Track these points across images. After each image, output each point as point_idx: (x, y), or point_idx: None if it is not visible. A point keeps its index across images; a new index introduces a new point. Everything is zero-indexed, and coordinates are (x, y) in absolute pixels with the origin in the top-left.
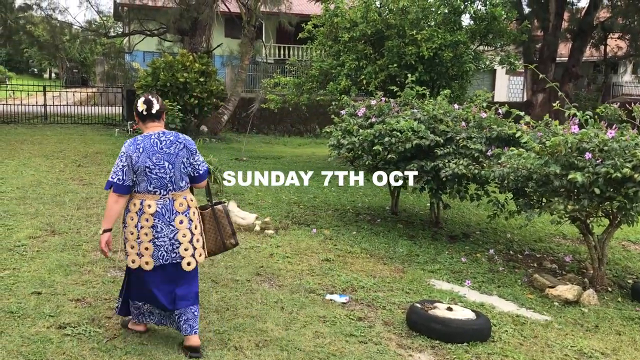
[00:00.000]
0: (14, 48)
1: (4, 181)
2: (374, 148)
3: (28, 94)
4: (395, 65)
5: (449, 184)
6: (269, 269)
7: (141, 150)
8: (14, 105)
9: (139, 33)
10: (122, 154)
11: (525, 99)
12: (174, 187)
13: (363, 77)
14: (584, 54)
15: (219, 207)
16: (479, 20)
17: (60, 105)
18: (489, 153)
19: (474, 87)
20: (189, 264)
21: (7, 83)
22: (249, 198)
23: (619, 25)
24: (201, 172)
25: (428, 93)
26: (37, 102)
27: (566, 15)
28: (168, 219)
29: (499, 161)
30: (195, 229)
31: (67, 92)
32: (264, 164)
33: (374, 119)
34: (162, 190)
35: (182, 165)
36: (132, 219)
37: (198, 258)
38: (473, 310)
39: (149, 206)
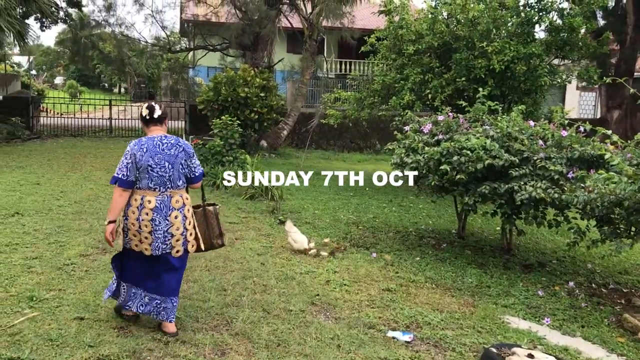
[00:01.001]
0: (84, 64)
1: (63, 195)
2: (440, 167)
3: (95, 107)
4: (463, 79)
5: (524, 209)
6: (324, 297)
7: (145, 150)
8: (81, 118)
9: (202, 48)
10: (127, 152)
11: (598, 115)
12: (172, 185)
13: (428, 91)
14: None
15: (210, 208)
16: (555, 31)
17: (125, 119)
18: (569, 175)
19: (546, 103)
20: (177, 251)
21: (79, 97)
22: (306, 217)
23: None
24: (197, 174)
25: (500, 109)
26: (103, 116)
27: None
28: (165, 214)
29: (583, 185)
30: (189, 224)
31: (132, 106)
32: (322, 180)
33: (441, 136)
34: (161, 188)
35: (180, 167)
36: (134, 213)
37: (190, 249)
38: (557, 357)
39: (149, 201)
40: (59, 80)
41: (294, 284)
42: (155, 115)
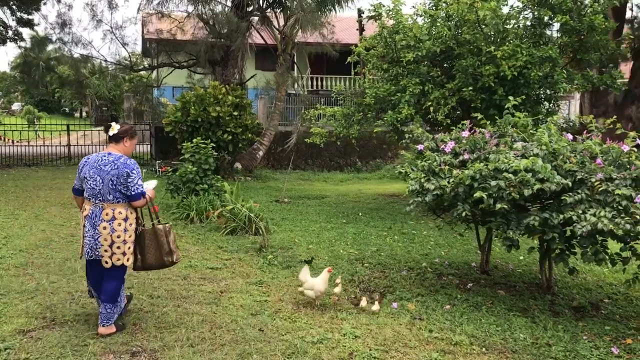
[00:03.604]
0: (36, 86)
1: (7, 241)
2: (474, 195)
3: (51, 133)
4: (470, 88)
5: (583, 243)
6: None
7: (86, 163)
8: (37, 146)
9: (167, 65)
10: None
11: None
12: (103, 198)
13: (429, 103)
14: None
15: (160, 226)
16: (571, 32)
17: (85, 145)
18: (637, 200)
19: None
20: (106, 262)
21: (37, 123)
22: (300, 253)
23: None
24: (133, 193)
25: (531, 121)
26: (60, 142)
27: (626, 32)
28: (94, 223)
29: None
30: (118, 237)
31: (92, 131)
32: (308, 206)
33: (466, 156)
34: (93, 199)
35: (111, 182)
36: (80, 216)
37: (115, 262)
38: None
39: (85, 209)
40: (16, 106)
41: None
42: (110, 133)
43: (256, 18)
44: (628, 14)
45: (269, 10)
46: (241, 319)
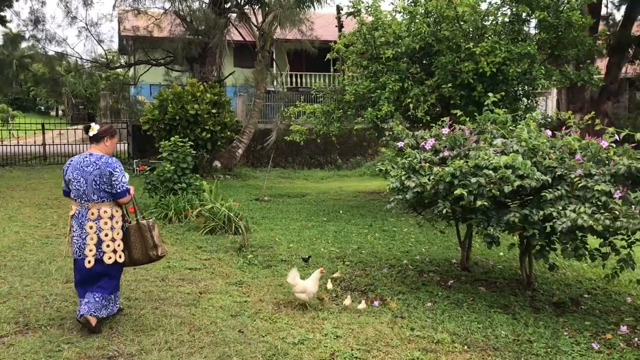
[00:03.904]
0: (9, 84)
1: None
2: (454, 192)
3: (26, 133)
4: (449, 85)
5: (564, 239)
6: None
7: (70, 165)
8: (10, 145)
9: (144, 63)
10: None
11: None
12: (87, 198)
13: (409, 100)
14: (621, 70)
15: (143, 222)
16: (548, 28)
17: (60, 145)
18: (616, 195)
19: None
20: (89, 262)
21: (11, 122)
22: (280, 252)
23: None
24: (118, 191)
25: (510, 117)
26: (35, 142)
27: (602, 29)
28: (81, 223)
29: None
30: (106, 236)
31: (68, 129)
32: (288, 205)
33: (446, 153)
34: (79, 199)
35: (94, 183)
36: (68, 217)
37: (107, 260)
38: None
39: (72, 209)
40: None
41: None
42: (90, 134)
43: (234, 15)
44: (603, 11)
45: (247, 6)
46: (221, 321)
